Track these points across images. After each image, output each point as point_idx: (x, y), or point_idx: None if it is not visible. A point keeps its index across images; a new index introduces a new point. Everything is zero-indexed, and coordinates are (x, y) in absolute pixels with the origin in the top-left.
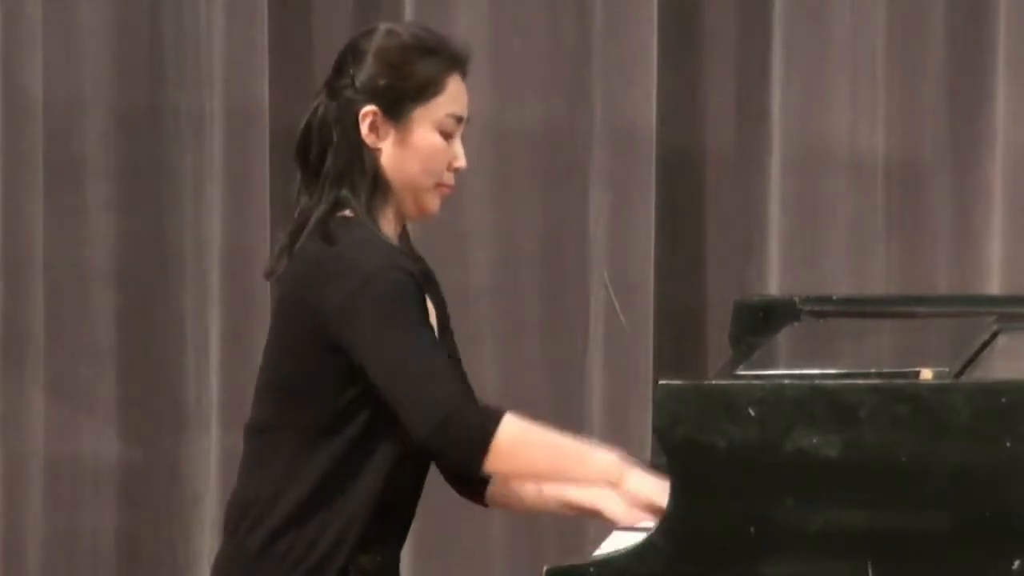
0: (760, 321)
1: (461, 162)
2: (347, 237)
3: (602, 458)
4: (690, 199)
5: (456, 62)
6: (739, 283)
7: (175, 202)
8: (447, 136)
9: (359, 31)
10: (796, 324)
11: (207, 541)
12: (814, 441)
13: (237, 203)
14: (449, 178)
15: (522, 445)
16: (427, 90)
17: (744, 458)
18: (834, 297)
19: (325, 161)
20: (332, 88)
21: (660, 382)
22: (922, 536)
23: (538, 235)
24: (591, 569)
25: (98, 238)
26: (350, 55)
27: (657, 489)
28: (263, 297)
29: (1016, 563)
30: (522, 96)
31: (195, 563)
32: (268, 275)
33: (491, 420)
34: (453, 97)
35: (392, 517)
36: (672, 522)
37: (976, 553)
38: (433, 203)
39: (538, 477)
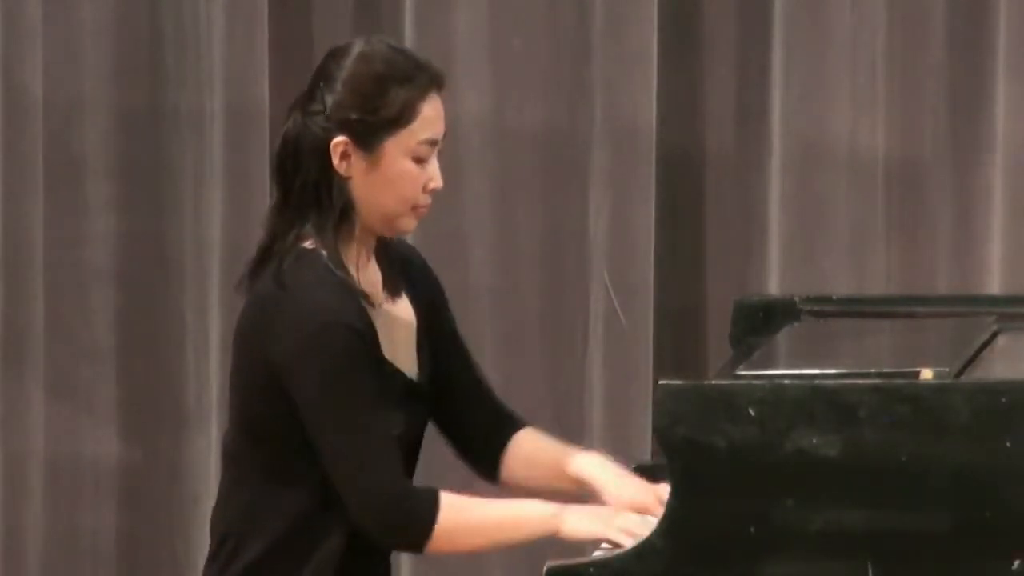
0: (760, 321)
1: (437, 183)
2: (298, 279)
3: (538, 516)
4: (690, 199)
5: (431, 84)
6: (739, 283)
7: (175, 202)
8: (421, 161)
9: (334, 48)
10: (796, 324)
11: (207, 541)
12: (814, 441)
13: (237, 203)
14: (425, 199)
15: (461, 529)
16: (399, 120)
17: (744, 458)
18: (834, 297)
19: (296, 183)
20: (304, 111)
21: (660, 382)
22: (922, 536)
23: (538, 235)
24: (591, 569)
25: (98, 238)
26: (322, 80)
27: (596, 527)
28: None
29: (1016, 563)
30: (522, 96)
31: (195, 563)
32: (237, 288)
33: (428, 509)
34: (427, 123)
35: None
36: (672, 522)
37: (976, 553)
38: (408, 224)
39: (480, 550)
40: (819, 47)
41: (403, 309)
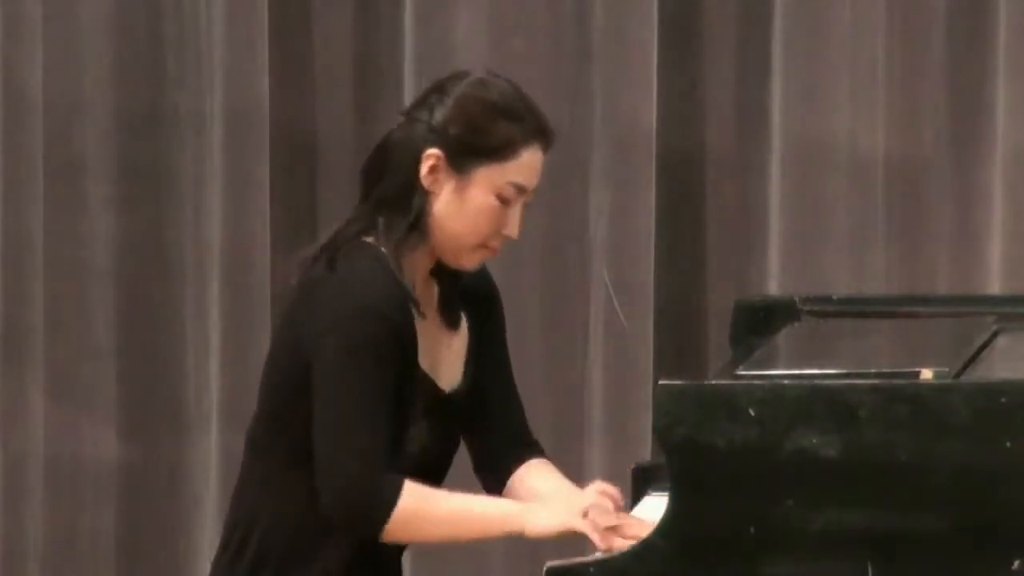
0: (760, 321)
1: (512, 231)
2: (348, 264)
3: (500, 514)
4: (690, 199)
5: (539, 134)
6: (739, 283)
7: (175, 202)
8: (504, 202)
9: (455, 71)
10: (796, 324)
11: (207, 541)
12: (814, 441)
13: (237, 203)
14: (496, 242)
15: (419, 518)
16: (497, 153)
17: (744, 458)
18: (834, 297)
19: (381, 184)
20: (410, 117)
21: (660, 382)
22: (922, 536)
23: (538, 235)
24: (591, 569)
25: (98, 238)
26: (435, 92)
27: (555, 520)
28: (263, 298)
29: (1016, 563)
30: None
31: (195, 563)
32: (291, 278)
33: (389, 494)
34: (523, 167)
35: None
36: (672, 522)
37: (976, 553)
38: (471, 261)
39: (440, 542)
40: (819, 47)
41: (455, 330)
